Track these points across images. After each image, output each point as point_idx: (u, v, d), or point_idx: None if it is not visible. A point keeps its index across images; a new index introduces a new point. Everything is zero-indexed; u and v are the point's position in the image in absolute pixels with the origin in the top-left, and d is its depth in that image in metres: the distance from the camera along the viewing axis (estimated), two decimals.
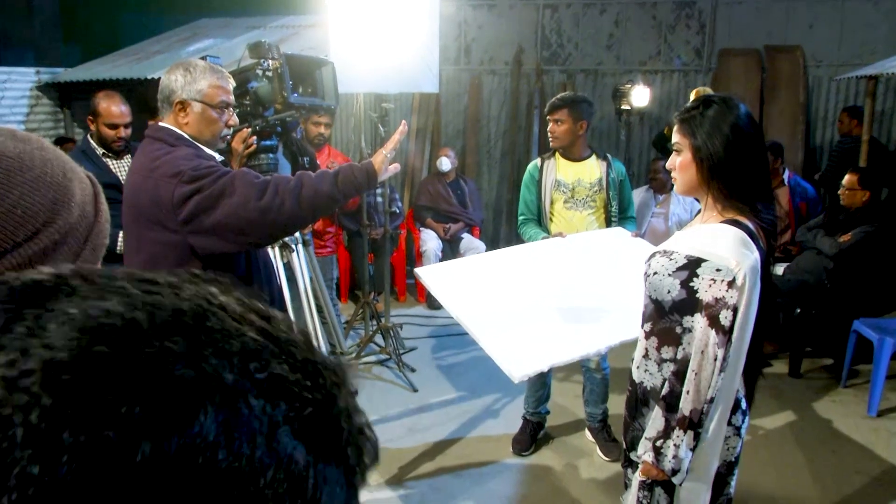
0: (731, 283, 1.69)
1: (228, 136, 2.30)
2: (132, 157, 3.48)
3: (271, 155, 3.00)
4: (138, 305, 0.35)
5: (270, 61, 2.80)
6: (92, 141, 3.46)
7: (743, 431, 1.91)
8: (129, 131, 3.47)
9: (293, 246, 3.36)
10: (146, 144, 2.15)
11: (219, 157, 2.20)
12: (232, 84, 2.22)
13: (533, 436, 3.63)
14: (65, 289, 0.36)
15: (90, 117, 3.45)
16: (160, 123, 2.16)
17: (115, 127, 3.40)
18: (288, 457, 0.34)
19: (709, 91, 4.62)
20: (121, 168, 3.49)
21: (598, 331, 2.55)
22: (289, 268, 3.36)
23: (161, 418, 0.31)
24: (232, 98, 2.21)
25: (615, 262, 2.98)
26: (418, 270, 2.88)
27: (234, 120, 2.23)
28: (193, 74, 2.11)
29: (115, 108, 3.42)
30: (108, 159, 3.46)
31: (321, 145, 4.45)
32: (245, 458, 0.33)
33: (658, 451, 1.76)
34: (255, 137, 2.92)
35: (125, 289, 0.36)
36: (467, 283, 2.78)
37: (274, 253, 3.08)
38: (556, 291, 2.81)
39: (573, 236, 3.23)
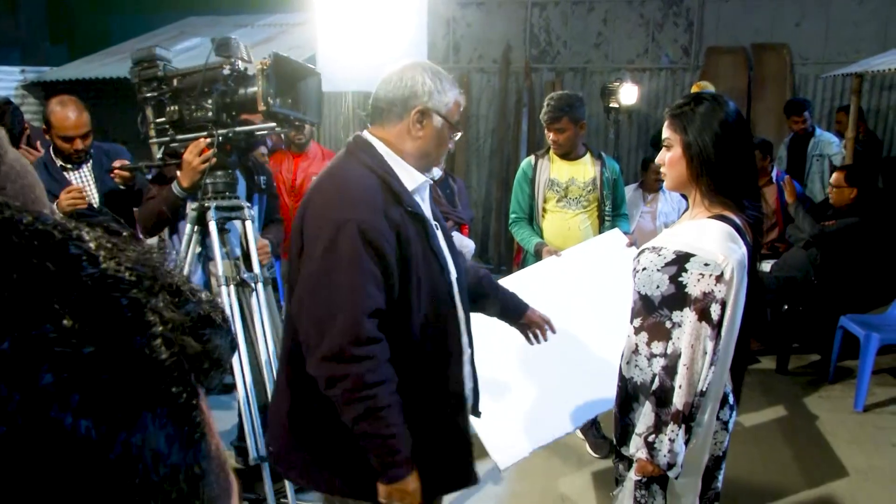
0: (719, 278, 1.70)
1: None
2: (93, 164, 3.21)
3: (228, 172, 2.53)
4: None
5: (240, 62, 2.40)
6: (51, 152, 3.13)
7: (730, 426, 1.94)
8: (88, 142, 3.07)
9: (252, 285, 2.57)
10: (342, 157, 1.80)
11: (424, 179, 1.77)
12: None
13: None
14: None
15: (44, 126, 3.06)
16: (370, 136, 1.80)
17: (69, 140, 3.00)
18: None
19: (710, 87, 4.62)
20: (81, 178, 3.20)
21: (586, 401, 2.61)
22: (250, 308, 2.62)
23: None
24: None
25: (613, 296, 2.70)
26: None
27: (452, 145, 1.84)
28: (443, 83, 1.72)
29: (68, 117, 2.96)
30: (67, 172, 3.16)
31: (303, 146, 4.25)
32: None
33: (651, 447, 1.76)
34: (212, 150, 2.43)
35: None
36: None
37: (228, 291, 2.49)
38: (549, 348, 2.77)
39: (568, 253, 3.07)
